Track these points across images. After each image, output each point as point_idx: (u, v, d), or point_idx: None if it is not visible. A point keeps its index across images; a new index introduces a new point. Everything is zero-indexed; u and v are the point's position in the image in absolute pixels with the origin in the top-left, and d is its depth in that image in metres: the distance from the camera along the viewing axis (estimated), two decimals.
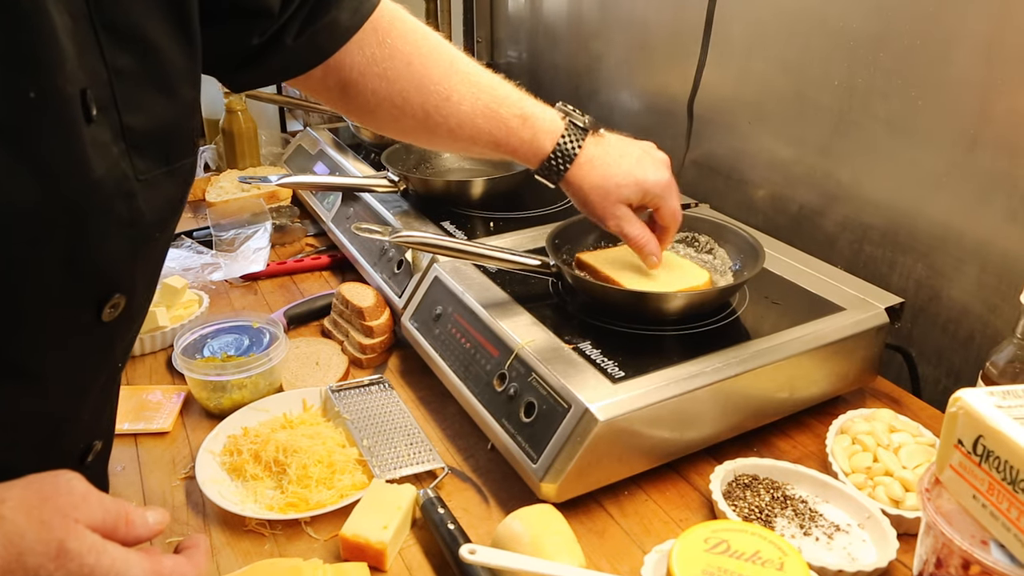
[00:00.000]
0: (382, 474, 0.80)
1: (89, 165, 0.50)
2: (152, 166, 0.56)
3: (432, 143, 0.87)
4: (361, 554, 0.71)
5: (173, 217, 0.62)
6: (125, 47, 0.53)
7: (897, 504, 0.75)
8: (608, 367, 0.79)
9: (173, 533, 0.76)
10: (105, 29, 0.51)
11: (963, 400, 0.56)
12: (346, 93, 0.80)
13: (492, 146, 0.84)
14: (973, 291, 0.96)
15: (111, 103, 0.52)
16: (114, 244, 0.54)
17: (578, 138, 0.83)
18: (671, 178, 0.87)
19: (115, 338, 0.60)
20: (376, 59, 0.78)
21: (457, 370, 0.89)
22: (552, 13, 1.70)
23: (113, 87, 0.52)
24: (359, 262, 1.18)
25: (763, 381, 0.83)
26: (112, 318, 0.57)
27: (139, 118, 0.54)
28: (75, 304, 0.54)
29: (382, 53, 0.78)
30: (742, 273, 0.95)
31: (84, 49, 0.50)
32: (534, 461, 0.76)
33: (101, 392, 0.63)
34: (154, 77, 0.56)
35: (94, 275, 0.54)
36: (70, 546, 0.45)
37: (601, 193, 0.84)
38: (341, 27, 0.76)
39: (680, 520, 0.77)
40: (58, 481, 0.48)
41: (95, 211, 0.52)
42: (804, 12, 1.11)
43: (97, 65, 0.51)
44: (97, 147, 0.51)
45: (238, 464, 0.82)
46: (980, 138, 0.92)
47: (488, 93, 0.82)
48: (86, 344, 0.57)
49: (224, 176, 1.53)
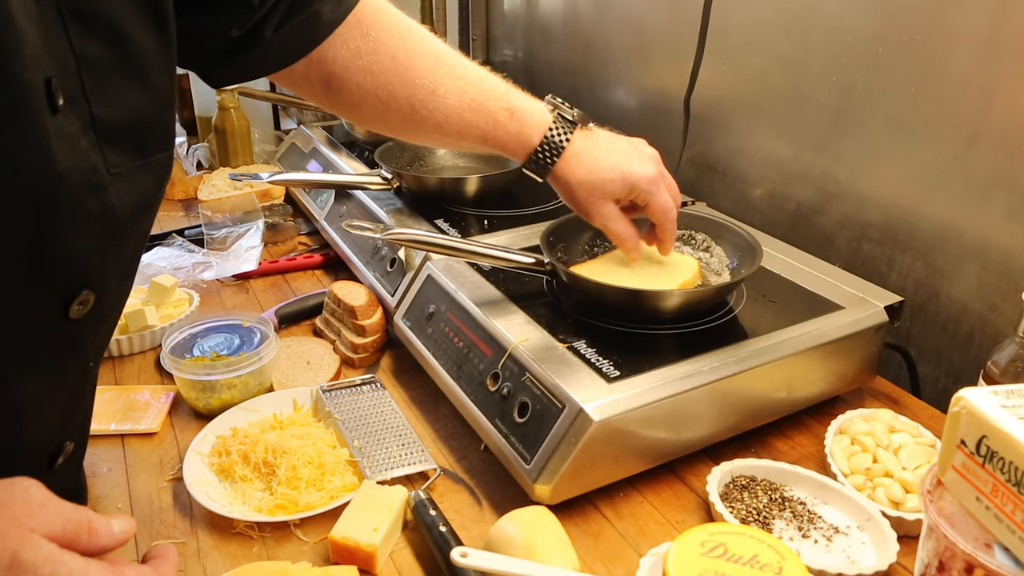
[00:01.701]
0: (373, 475, 0.79)
1: (53, 157, 0.48)
2: (126, 159, 0.55)
3: (419, 138, 0.86)
4: (351, 557, 0.69)
5: (148, 213, 0.60)
6: (94, 35, 0.51)
7: (897, 506, 0.74)
8: (603, 366, 0.78)
9: (160, 536, 0.74)
10: (73, 16, 0.49)
11: (966, 400, 0.55)
12: (330, 87, 0.79)
13: (479, 140, 0.82)
14: (973, 290, 0.95)
15: (80, 93, 0.50)
16: (82, 239, 0.53)
17: (566, 131, 0.82)
18: (660, 172, 0.85)
19: (85, 336, 0.59)
20: (360, 52, 0.77)
21: (450, 370, 0.88)
22: (548, 11, 1.69)
23: (82, 76, 0.50)
24: (352, 260, 1.17)
25: (761, 381, 0.82)
26: (80, 315, 0.55)
27: (110, 109, 0.53)
28: (39, 300, 0.52)
29: (366, 46, 0.77)
30: (739, 271, 0.94)
31: (50, 36, 0.48)
32: (528, 462, 0.74)
33: (72, 392, 0.61)
34: (126, 66, 0.54)
35: (60, 270, 0.53)
36: (24, 556, 0.43)
37: (587, 188, 0.83)
38: (324, 19, 0.75)
39: (676, 522, 0.76)
40: (14, 488, 0.46)
41: (61, 204, 0.50)
42: (802, 8, 1.10)
43: (64, 53, 0.49)
44: (63, 138, 0.49)
45: (226, 465, 0.81)
46: (980, 135, 0.91)
47: (475, 86, 0.81)
48: (53, 342, 0.56)
49: (216, 174, 1.52)
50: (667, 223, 0.87)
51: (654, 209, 0.85)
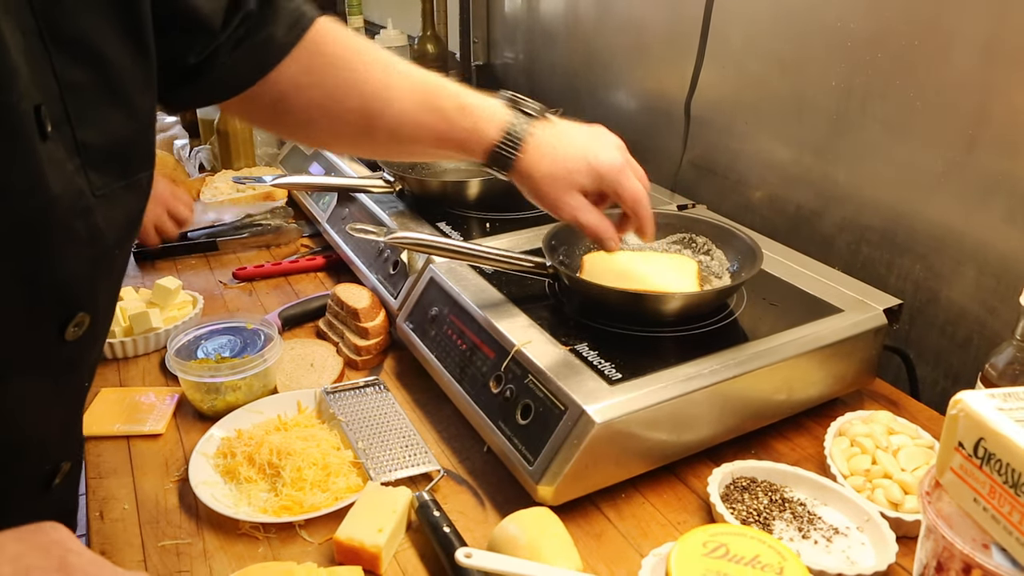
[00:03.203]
0: (377, 477, 0.79)
1: (46, 183, 0.49)
2: (109, 181, 0.55)
3: (373, 149, 0.84)
4: (356, 558, 0.70)
5: (132, 232, 0.61)
6: (77, 61, 0.52)
7: (896, 507, 0.75)
8: (605, 369, 0.79)
9: (166, 536, 0.75)
10: (55, 43, 0.50)
11: (964, 402, 0.56)
12: (279, 108, 0.77)
13: (435, 142, 0.80)
14: (971, 293, 0.96)
15: (64, 118, 0.51)
16: (74, 262, 0.53)
17: (526, 124, 0.79)
18: (625, 159, 0.82)
19: (81, 357, 0.59)
20: (312, 69, 0.75)
21: (453, 372, 0.88)
22: (549, 13, 1.69)
23: (65, 102, 0.51)
24: (354, 263, 1.17)
25: (761, 383, 0.83)
26: (76, 337, 0.55)
27: (94, 133, 0.53)
28: (37, 325, 0.53)
29: (319, 63, 0.76)
30: (740, 274, 0.95)
31: (35, 65, 0.48)
32: (530, 464, 0.75)
33: (68, 413, 0.62)
34: (108, 91, 0.54)
35: (56, 294, 0.53)
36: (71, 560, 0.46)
37: (552, 180, 0.80)
38: (277, 43, 0.73)
39: (678, 523, 0.76)
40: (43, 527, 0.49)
41: (53, 229, 0.51)
42: (802, 12, 1.11)
43: (48, 80, 0.50)
44: (53, 164, 0.50)
45: (232, 466, 0.81)
46: (979, 139, 0.92)
47: (425, 87, 0.79)
48: (51, 365, 0.56)
49: (219, 177, 1.52)
50: (640, 209, 0.83)
51: (624, 196, 0.82)
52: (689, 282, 0.91)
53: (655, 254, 0.99)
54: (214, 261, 1.31)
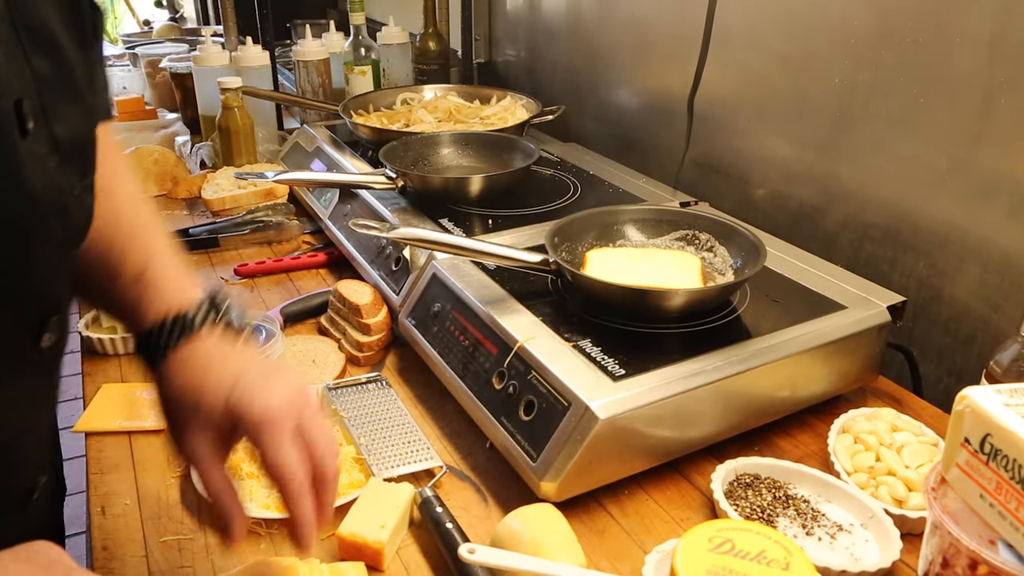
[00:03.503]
0: (380, 473, 0.79)
1: (27, 180, 0.47)
2: (77, 179, 0.53)
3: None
4: (358, 553, 0.70)
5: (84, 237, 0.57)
6: (43, 51, 0.49)
7: (900, 504, 0.74)
8: (608, 365, 0.79)
9: (168, 532, 0.75)
10: (25, 31, 0.48)
11: (970, 398, 0.56)
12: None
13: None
14: (975, 290, 0.95)
15: (41, 112, 0.49)
16: (48, 264, 0.51)
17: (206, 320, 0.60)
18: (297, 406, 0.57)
19: (55, 366, 0.57)
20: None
21: (455, 368, 0.88)
22: (551, 10, 1.69)
23: (41, 95, 0.49)
24: (356, 259, 1.17)
25: (764, 380, 0.82)
26: (51, 344, 0.53)
27: (63, 127, 0.51)
28: (13, 333, 0.50)
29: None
30: (743, 271, 0.94)
31: (11, 56, 0.46)
32: (533, 460, 0.75)
33: (44, 426, 0.60)
34: (66, 83, 0.52)
35: (32, 299, 0.51)
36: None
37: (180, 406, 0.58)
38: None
39: (681, 520, 0.76)
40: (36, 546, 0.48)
41: (33, 229, 0.49)
42: (805, 9, 1.10)
43: (24, 72, 0.47)
44: (34, 161, 0.48)
45: (233, 462, 0.81)
46: (982, 136, 0.91)
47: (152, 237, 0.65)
48: (27, 378, 0.53)
49: (220, 173, 1.52)
50: (288, 486, 0.54)
51: (266, 462, 0.55)
52: (692, 279, 0.91)
53: (658, 251, 0.99)
54: (216, 257, 1.31)
